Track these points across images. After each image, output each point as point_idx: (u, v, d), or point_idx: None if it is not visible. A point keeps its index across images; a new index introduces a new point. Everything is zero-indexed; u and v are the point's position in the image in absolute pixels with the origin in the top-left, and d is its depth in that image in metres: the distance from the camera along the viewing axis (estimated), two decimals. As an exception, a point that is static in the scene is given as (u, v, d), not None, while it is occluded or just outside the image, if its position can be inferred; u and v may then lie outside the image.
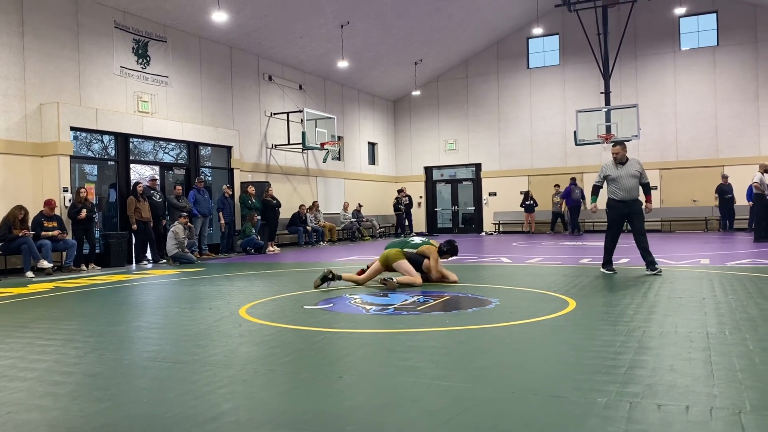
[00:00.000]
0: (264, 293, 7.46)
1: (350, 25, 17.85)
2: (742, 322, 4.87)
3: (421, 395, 3.21)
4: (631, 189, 8.30)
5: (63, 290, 8.53)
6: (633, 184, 8.29)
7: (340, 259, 12.70)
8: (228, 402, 3.19)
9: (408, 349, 4.22)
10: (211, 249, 15.10)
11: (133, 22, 13.99)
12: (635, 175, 8.30)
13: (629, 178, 8.29)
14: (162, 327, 5.44)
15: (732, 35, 20.51)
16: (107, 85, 13.37)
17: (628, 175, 8.29)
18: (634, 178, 8.30)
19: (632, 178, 8.30)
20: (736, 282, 7.19)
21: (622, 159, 8.38)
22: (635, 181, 8.30)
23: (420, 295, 6.85)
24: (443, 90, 24.58)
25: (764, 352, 3.90)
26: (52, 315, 6.29)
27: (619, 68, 21.19)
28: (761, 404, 2.92)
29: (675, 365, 3.65)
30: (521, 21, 22.36)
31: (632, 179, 8.31)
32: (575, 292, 6.70)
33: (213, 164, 16.49)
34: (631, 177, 8.30)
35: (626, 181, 8.29)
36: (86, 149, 13.48)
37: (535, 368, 3.69)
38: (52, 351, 4.53)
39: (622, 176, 8.29)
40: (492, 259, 11.71)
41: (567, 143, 22.20)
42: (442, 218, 25.35)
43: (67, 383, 3.64)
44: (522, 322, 5.12)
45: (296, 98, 19.59)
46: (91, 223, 12.07)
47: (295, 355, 4.19)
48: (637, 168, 8.33)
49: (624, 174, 8.31)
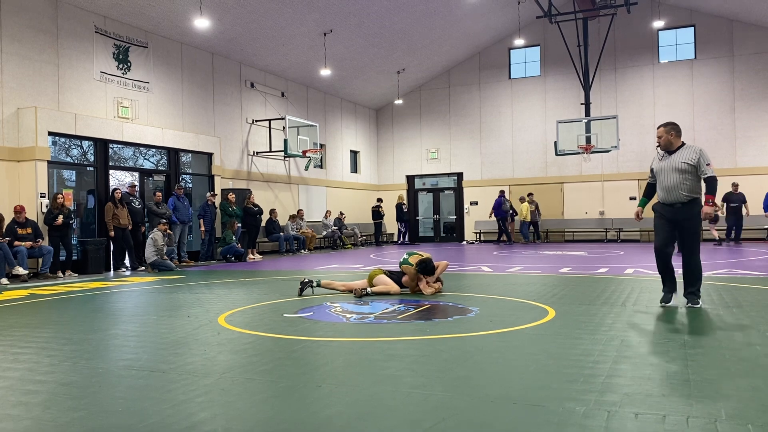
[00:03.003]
0: (243, 301, 7.40)
1: (333, 33, 17.88)
2: (719, 331, 4.93)
3: (401, 404, 3.20)
4: (671, 188, 6.15)
5: (38, 297, 8.39)
6: (675, 181, 6.13)
7: (321, 267, 12.65)
8: (205, 411, 3.15)
9: (387, 358, 4.21)
10: (191, 256, 14.96)
11: (114, 27, 13.88)
12: (683, 169, 6.10)
13: (672, 173, 6.14)
14: (139, 335, 5.37)
15: (709, 49, 20.87)
16: (87, 90, 13.23)
17: (672, 169, 6.15)
18: (681, 174, 6.11)
19: (677, 173, 6.13)
20: (713, 292, 7.28)
21: (666, 145, 6.26)
22: (681, 177, 6.11)
23: (400, 304, 6.84)
24: (425, 99, 24.70)
25: (740, 361, 3.94)
26: (27, 322, 6.18)
27: (599, 80, 21.46)
28: (737, 413, 2.95)
29: (652, 374, 3.68)
30: (503, 32, 22.56)
31: (677, 175, 6.13)
32: (555, 301, 6.73)
33: (193, 171, 16.38)
34: (676, 172, 6.13)
35: (667, 176, 6.19)
36: (65, 154, 13.32)
37: (514, 377, 3.69)
38: (25, 359, 4.45)
39: (663, 169, 6.22)
40: (473, 267, 11.74)
41: (548, 153, 22.39)
42: (423, 227, 25.39)
43: (40, 392, 3.58)
44: (501, 331, 5.13)
45: (278, 105, 19.55)
46: (68, 229, 11.91)
47: (274, 363, 4.16)
48: (686, 159, 6.11)
49: (666, 167, 6.21)
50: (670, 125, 6.28)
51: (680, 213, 6.15)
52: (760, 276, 9.02)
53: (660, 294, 6.59)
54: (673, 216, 6.19)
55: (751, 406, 3.05)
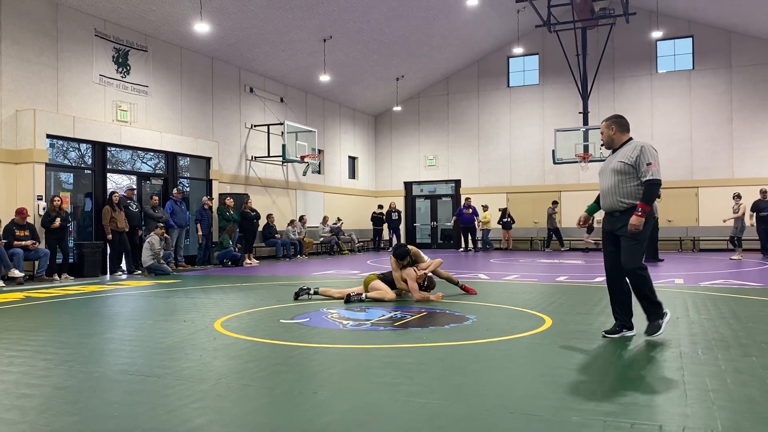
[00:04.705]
0: (240, 306, 7.39)
1: (332, 39, 17.92)
2: (715, 342, 4.93)
3: (397, 412, 3.19)
4: (606, 193, 5.08)
5: (34, 300, 8.37)
6: (610, 184, 5.04)
7: (318, 273, 12.63)
8: (201, 417, 3.14)
9: (384, 365, 4.20)
10: (188, 261, 14.94)
11: (113, 31, 13.89)
12: (619, 170, 4.99)
13: (609, 174, 5.06)
14: (135, 339, 5.35)
15: (707, 60, 20.96)
16: (86, 93, 13.23)
17: (609, 170, 5.07)
18: (618, 175, 4.99)
19: (614, 174, 5.02)
20: (709, 302, 7.29)
21: (608, 142, 5.20)
22: (617, 179, 4.99)
23: (397, 311, 6.84)
24: (424, 106, 24.73)
25: (736, 372, 3.94)
26: (22, 326, 6.16)
27: (598, 89, 21.52)
28: (732, 424, 2.95)
29: (649, 384, 3.68)
30: (502, 40, 22.63)
31: (613, 177, 5.03)
32: (551, 310, 6.73)
33: (191, 175, 16.37)
34: (612, 173, 5.03)
35: (604, 179, 5.14)
36: (62, 157, 13.30)
37: (510, 386, 3.69)
38: (20, 363, 4.43)
39: (603, 171, 5.17)
40: (470, 275, 11.74)
41: (545, 161, 22.42)
42: (420, 233, 25.40)
43: (35, 396, 3.56)
44: (498, 339, 5.13)
45: (277, 111, 19.56)
46: (65, 232, 11.88)
47: (270, 369, 4.15)
48: (624, 157, 4.99)
49: (605, 168, 5.16)
50: (612, 118, 5.25)
51: (617, 223, 5.00)
52: (757, 287, 9.03)
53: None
54: (611, 227, 5.09)
55: (748, 418, 3.05)
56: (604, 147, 5.28)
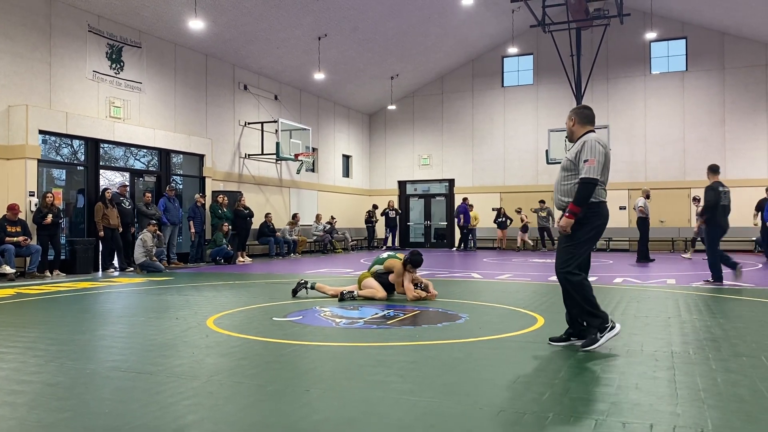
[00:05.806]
0: (232, 304, 7.38)
1: (327, 37, 17.89)
2: (706, 342, 4.96)
3: (389, 410, 3.20)
4: (555, 190, 4.88)
5: (25, 296, 8.33)
6: (556, 181, 4.87)
7: (311, 271, 12.62)
8: (192, 414, 3.13)
9: (377, 364, 4.21)
10: (180, 258, 14.89)
11: (107, 27, 13.83)
12: (564, 166, 4.76)
13: (560, 171, 4.83)
14: (127, 336, 5.34)
15: (700, 61, 21.05)
16: (79, 89, 13.16)
17: (561, 167, 4.83)
18: (563, 172, 4.77)
19: (560, 171, 4.81)
20: (701, 302, 7.33)
21: (569, 135, 4.92)
22: (561, 176, 4.79)
23: (390, 310, 6.84)
24: (419, 105, 24.74)
25: (726, 372, 3.97)
26: (13, 322, 6.13)
27: (592, 89, 21.58)
28: (723, 423, 2.97)
29: (640, 384, 3.69)
30: (497, 40, 22.66)
31: (559, 173, 4.84)
32: (544, 309, 6.75)
33: (184, 172, 16.31)
34: (560, 169, 4.83)
35: (558, 176, 4.87)
36: (55, 153, 13.23)
37: (502, 384, 3.70)
38: (11, 359, 4.41)
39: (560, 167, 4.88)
40: (463, 274, 11.75)
41: (539, 161, 22.47)
42: (414, 233, 25.40)
43: (25, 392, 3.55)
44: (491, 338, 5.14)
45: (271, 108, 19.52)
46: (57, 228, 11.82)
47: (263, 367, 4.15)
48: (569, 154, 4.75)
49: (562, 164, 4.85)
50: (575, 109, 4.88)
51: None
52: (747, 287, 9.08)
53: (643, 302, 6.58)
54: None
55: (738, 417, 3.07)
56: (568, 140, 4.97)
